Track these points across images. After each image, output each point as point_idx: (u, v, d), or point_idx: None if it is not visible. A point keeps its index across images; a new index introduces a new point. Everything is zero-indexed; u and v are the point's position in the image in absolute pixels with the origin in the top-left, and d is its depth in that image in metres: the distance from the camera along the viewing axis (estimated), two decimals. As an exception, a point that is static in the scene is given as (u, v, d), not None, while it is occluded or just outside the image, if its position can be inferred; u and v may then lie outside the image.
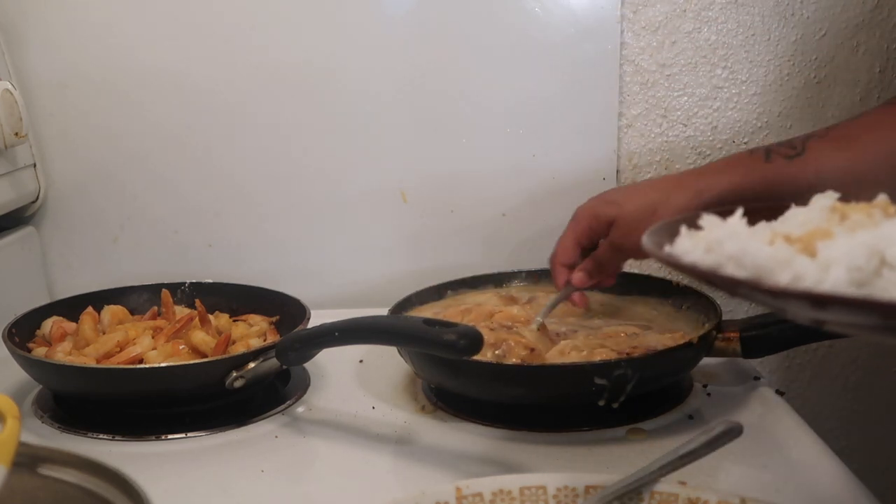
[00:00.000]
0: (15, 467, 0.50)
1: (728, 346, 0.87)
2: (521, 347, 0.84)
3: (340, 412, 0.87)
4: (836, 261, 0.44)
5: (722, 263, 0.48)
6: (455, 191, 1.20)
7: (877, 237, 0.44)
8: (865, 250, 0.43)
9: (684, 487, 0.59)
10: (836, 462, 0.74)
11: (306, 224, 1.21)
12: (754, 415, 0.84)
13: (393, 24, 1.16)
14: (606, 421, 0.81)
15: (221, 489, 0.74)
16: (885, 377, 1.26)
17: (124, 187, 1.20)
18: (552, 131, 1.18)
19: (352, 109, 1.18)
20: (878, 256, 0.43)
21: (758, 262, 0.46)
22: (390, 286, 1.12)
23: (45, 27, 1.15)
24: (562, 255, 0.92)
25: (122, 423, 0.84)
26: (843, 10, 1.15)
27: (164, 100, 1.17)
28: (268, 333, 0.96)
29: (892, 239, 0.43)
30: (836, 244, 0.45)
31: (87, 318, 0.94)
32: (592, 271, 0.91)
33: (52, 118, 1.18)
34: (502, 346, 0.84)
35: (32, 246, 1.19)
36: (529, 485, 0.60)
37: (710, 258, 0.49)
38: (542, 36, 1.15)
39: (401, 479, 0.76)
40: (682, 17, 1.16)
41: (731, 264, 0.48)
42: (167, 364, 0.86)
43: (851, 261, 0.43)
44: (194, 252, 1.22)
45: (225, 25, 1.16)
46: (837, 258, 0.44)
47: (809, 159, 0.83)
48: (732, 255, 0.48)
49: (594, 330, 0.91)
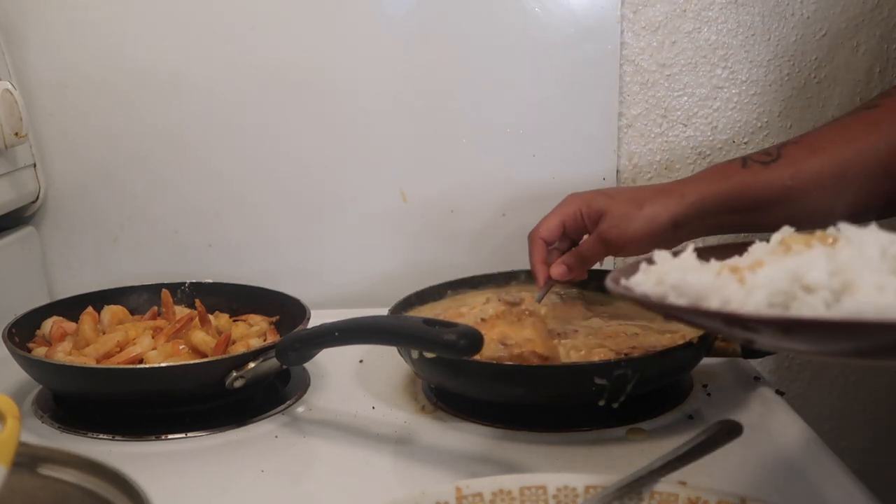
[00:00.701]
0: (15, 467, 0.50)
1: (728, 346, 0.87)
2: (533, 357, 0.84)
3: (340, 412, 0.87)
4: (760, 286, 0.50)
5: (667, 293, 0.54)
6: (455, 191, 1.20)
7: (798, 264, 0.50)
8: (786, 276, 0.49)
9: (684, 487, 0.59)
10: (836, 462, 0.74)
11: (306, 224, 1.21)
12: (754, 415, 0.84)
13: (393, 25, 1.16)
14: (606, 421, 0.81)
15: (221, 489, 0.74)
16: (885, 377, 1.26)
17: (124, 187, 1.20)
18: (552, 131, 1.18)
19: (352, 109, 1.18)
20: (798, 281, 0.49)
21: (695, 291, 0.53)
22: (390, 286, 1.12)
23: (45, 27, 1.15)
24: (544, 230, 0.93)
25: (122, 423, 0.84)
26: (843, 10, 1.15)
27: (165, 100, 1.17)
28: (268, 333, 0.96)
29: (811, 265, 0.49)
30: (762, 272, 0.51)
31: (87, 318, 0.94)
32: (573, 265, 0.93)
33: (52, 118, 1.18)
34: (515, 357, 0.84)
35: (32, 246, 1.19)
36: (529, 485, 0.60)
37: (658, 289, 0.55)
38: (542, 36, 1.15)
39: (401, 479, 0.75)
40: (682, 17, 1.16)
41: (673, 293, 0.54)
42: (167, 364, 0.86)
43: (773, 285, 0.49)
44: (194, 252, 1.22)
45: (225, 26, 1.16)
46: (761, 284, 0.50)
47: (784, 164, 0.87)
48: (675, 285, 0.54)
49: (594, 330, 0.91)
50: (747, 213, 0.88)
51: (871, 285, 0.47)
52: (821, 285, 0.48)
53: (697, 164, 1.19)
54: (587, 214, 0.92)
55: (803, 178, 0.85)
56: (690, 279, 0.53)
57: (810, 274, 0.49)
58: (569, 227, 0.93)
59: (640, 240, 0.88)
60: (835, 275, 0.49)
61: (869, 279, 0.48)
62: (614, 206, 0.90)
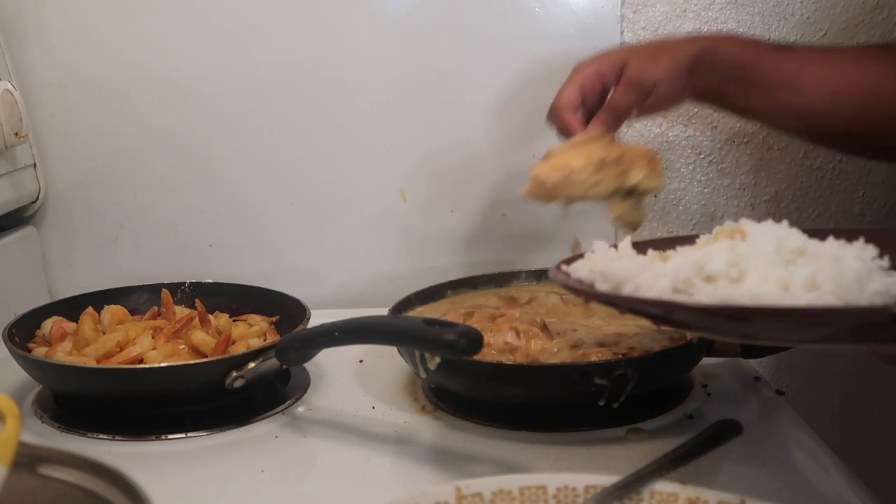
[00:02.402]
0: (15, 467, 0.50)
1: (728, 347, 0.87)
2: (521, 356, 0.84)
3: (340, 412, 0.87)
4: (666, 273, 0.57)
5: (596, 280, 0.61)
6: (455, 191, 1.20)
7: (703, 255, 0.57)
8: (692, 265, 0.56)
9: (684, 487, 0.59)
10: (836, 462, 0.74)
11: (306, 224, 1.21)
12: (754, 415, 0.84)
13: (392, 24, 1.16)
14: (606, 421, 0.81)
15: (221, 489, 0.74)
16: (885, 377, 1.26)
17: (124, 187, 1.20)
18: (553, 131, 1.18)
19: (352, 109, 1.18)
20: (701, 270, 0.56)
21: (616, 277, 0.60)
22: (390, 286, 1.12)
23: (44, 27, 1.15)
24: (565, 98, 0.90)
25: (122, 423, 0.84)
26: (843, 10, 1.15)
27: (165, 100, 1.17)
28: (268, 333, 0.96)
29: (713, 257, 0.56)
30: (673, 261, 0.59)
31: (87, 318, 0.94)
32: (608, 120, 0.90)
33: (52, 118, 1.18)
34: None
35: (32, 246, 1.19)
36: (529, 485, 0.60)
37: (590, 276, 0.61)
38: (542, 36, 1.15)
39: (401, 479, 0.75)
40: (682, 17, 1.16)
41: (599, 279, 0.61)
42: (167, 364, 0.86)
43: (678, 273, 0.56)
44: (194, 252, 1.22)
45: (225, 26, 1.16)
46: (668, 271, 0.57)
47: (796, 54, 0.90)
48: (601, 272, 0.61)
49: (594, 330, 0.91)
50: (750, 87, 0.89)
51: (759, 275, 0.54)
52: (720, 274, 0.55)
53: (697, 165, 1.19)
54: (609, 68, 0.91)
55: (807, 78, 0.87)
56: (615, 266, 0.60)
57: (711, 264, 0.56)
58: (588, 91, 0.91)
59: (667, 78, 0.88)
60: (733, 265, 0.55)
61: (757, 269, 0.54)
62: (634, 51, 0.92)
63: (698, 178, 1.20)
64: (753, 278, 0.54)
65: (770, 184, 1.20)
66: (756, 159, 1.19)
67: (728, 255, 0.56)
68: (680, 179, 1.20)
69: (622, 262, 0.61)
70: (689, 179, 1.20)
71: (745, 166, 1.19)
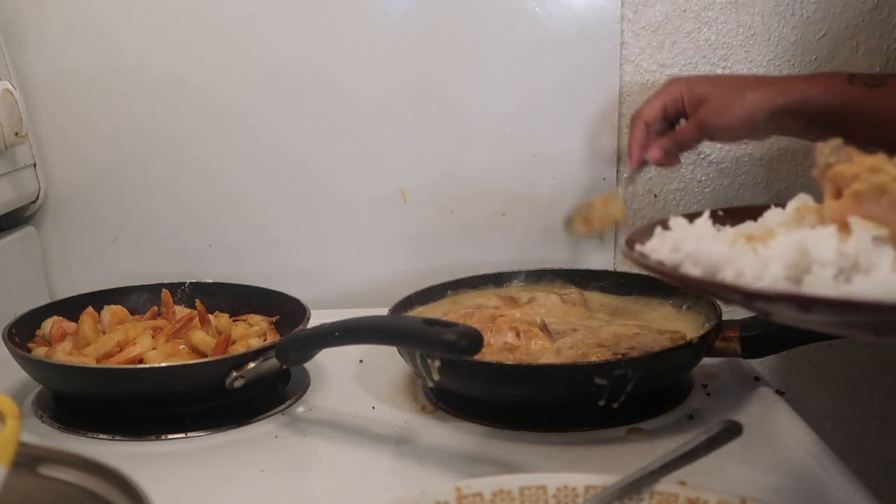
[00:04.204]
0: (15, 467, 0.50)
1: (728, 346, 0.87)
2: None
3: (340, 412, 0.87)
4: (774, 258, 0.50)
5: (682, 261, 0.53)
6: (455, 191, 1.20)
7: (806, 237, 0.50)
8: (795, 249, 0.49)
9: (684, 487, 0.59)
10: (836, 462, 0.74)
11: (306, 224, 1.21)
12: (754, 415, 0.83)
13: (392, 25, 1.16)
14: (606, 421, 0.81)
15: (221, 489, 0.74)
16: (885, 377, 1.26)
17: (124, 187, 1.20)
18: (552, 131, 1.18)
19: (352, 109, 1.18)
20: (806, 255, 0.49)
21: (711, 260, 0.52)
22: (390, 286, 1.12)
23: (44, 27, 1.15)
24: (647, 113, 0.98)
25: (122, 423, 0.84)
26: (843, 10, 1.15)
27: (165, 100, 1.17)
28: (268, 333, 0.96)
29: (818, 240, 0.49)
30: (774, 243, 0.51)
31: (87, 318, 0.94)
32: (670, 149, 0.97)
33: (52, 118, 1.18)
34: None
35: (32, 246, 1.19)
36: (529, 485, 0.60)
37: (674, 257, 0.54)
38: (542, 36, 1.15)
39: (401, 479, 0.75)
40: (682, 17, 1.16)
41: (688, 262, 0.53)
42: (167, 364, 0.86)
43: (786, 258, 0.49)
44: (194, 252, 1.22)
45: (225, 27, 1.16)
46: (774, 256, 0.50)
47: (888, 92, 0.89)
48: (690, 254, 0.53)
49: (594, 330, 0.91)
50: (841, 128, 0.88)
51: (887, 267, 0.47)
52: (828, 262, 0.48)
53: (698, 164, 1.19)
54: (688, 99, 0.95)
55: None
56: (706, 248, 0.53)
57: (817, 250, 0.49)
58: (669, 110, 0.97)
59: (737, 127, 0.92)
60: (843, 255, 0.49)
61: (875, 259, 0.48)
62: (716, 93, 0.93)
63: (698, 179, 1.20)
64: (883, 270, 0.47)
65: (771, 184, 1.20)
66: (756, 159, 1.19)
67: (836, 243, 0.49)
68: (680, 179, 1.20)
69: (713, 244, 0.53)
70: (689, 179, 1.20)
71: (745, 166, 1.19)
